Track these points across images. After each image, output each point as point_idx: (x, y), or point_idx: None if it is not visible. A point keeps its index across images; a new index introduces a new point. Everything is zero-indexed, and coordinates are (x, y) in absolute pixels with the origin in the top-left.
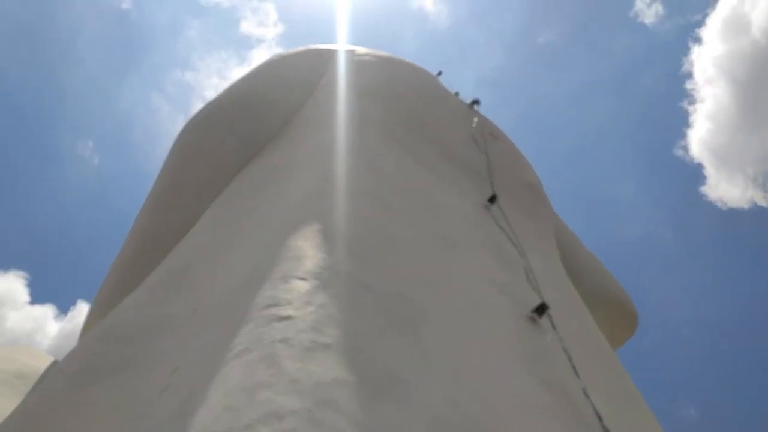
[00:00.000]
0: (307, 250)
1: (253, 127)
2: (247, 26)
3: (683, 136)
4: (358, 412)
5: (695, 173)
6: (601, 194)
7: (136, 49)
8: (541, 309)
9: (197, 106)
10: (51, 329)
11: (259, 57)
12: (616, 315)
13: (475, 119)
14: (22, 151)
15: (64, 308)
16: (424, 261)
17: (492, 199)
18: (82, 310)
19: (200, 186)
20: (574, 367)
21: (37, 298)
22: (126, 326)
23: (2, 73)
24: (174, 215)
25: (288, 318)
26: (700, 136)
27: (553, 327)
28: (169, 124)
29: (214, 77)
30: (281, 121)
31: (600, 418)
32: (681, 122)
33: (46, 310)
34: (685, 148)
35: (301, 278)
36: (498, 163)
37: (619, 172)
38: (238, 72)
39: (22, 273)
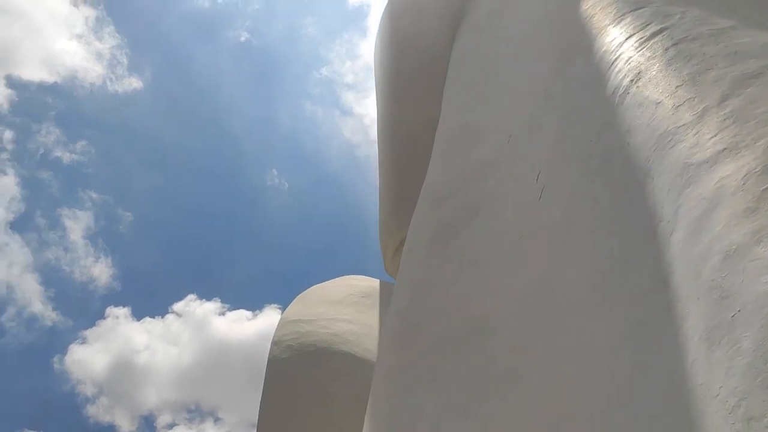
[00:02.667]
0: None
1: None
2: None
3: None
4: None
5: None
6: None
7: (271, 70)
8: None
9: (345, 95)
10: None
11: (378, 22)
12: None
13: None
14: (224, 202)
15: None
16: None
17: None
18: None
19: (424, 67)
20: None
21: None
22: (445, 187)
23: (179, 141)
24: (411, 103)
25: (660, 32)
26: None
27: None
28: (328, 121)
29: (347, 61)
30: None
31: None
32: None
33: None
34: None
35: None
36: None
37: None
38: (366, 45)
39: (275, 305)
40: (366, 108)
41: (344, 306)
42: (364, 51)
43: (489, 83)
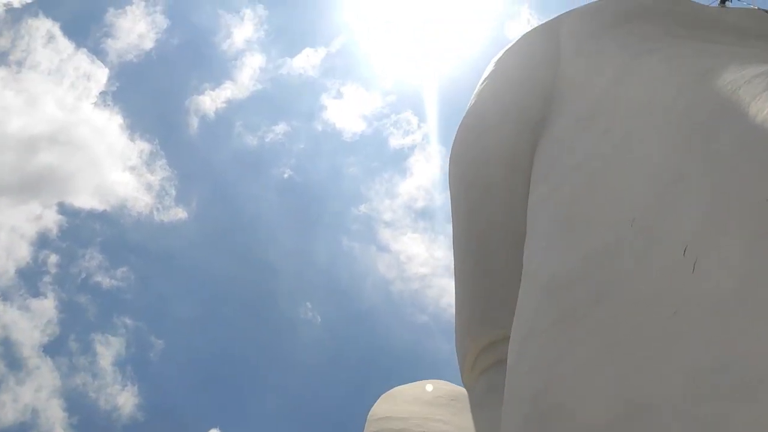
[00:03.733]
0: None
1: (529, 108)
2: (395, 141)
3: None
4: None
5: None
6: None
7: (311, 205)
8: None
9: (383, 232)
10: None
11: (417, 164)
12: None
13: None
14: (256, 333)
15: None
16: None
17: None
18: None
19: (503, 174)
20: None
21: None
22: (556, 279)
23: (217, 271)
24: (491, 211)
25: None
26: None
27: None
28: (364, 257)
29: (386, 199)
30: (548, 86)
31: None
32: None
33: None
34: None
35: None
36: None
37: None
38: (407, 185)
39: None
40: (403, 245)
41: (436, 407)
42: (403, 190)
43: (593, 177)
